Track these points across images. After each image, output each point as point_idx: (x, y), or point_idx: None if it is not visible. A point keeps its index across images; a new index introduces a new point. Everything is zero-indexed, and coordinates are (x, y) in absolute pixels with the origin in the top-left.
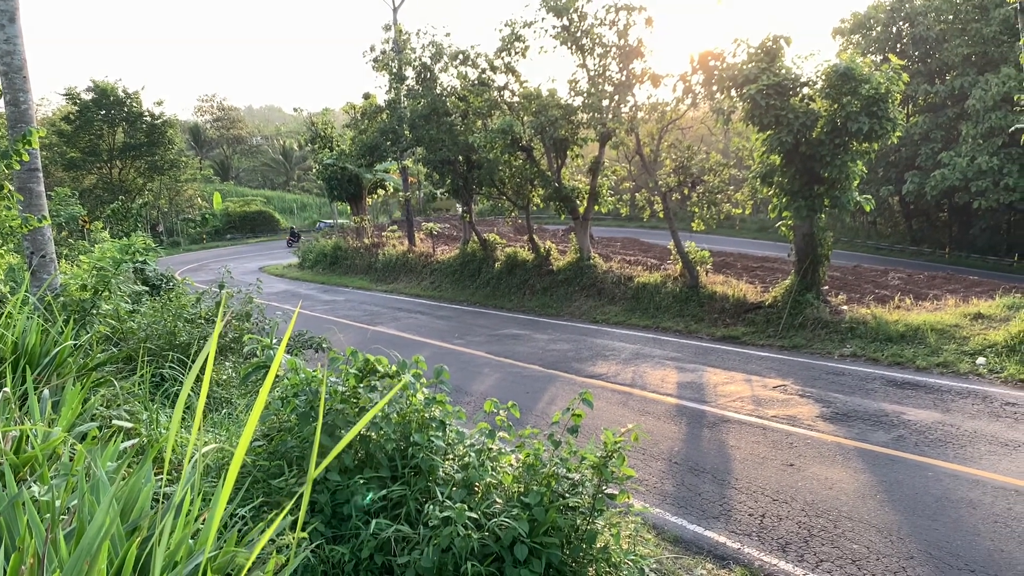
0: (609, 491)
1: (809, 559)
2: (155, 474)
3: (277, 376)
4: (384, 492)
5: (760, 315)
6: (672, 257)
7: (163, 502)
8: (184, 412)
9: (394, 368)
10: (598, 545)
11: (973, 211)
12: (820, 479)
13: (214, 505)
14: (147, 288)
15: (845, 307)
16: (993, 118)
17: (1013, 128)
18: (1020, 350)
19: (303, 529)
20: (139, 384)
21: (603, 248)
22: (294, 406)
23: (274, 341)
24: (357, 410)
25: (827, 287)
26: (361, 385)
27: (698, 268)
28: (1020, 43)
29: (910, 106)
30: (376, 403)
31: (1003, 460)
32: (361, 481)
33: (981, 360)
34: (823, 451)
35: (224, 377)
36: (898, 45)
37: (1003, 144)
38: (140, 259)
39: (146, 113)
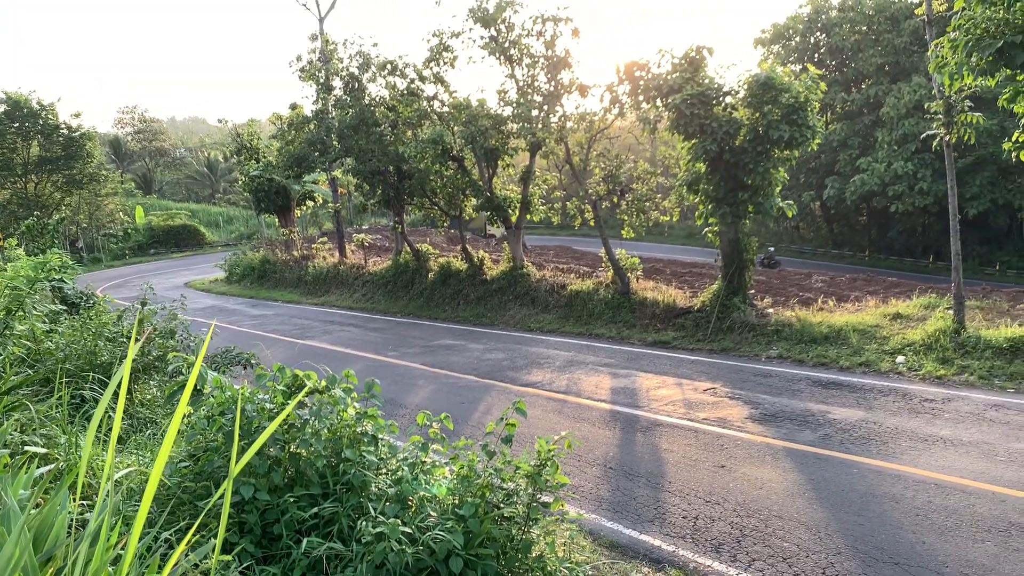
0: (544, 499)
1: (742, 559)
2: (75, 501)
3: (203, 393)
4: (315, 510)
5: (689, 320)
6: (604, 264)
7: (80, 530)
8: (106, 435)
9: (323, 383)
10: (534, 554)
11: (890, 215)
12: (751, 479)
13: (132, 531)
14: (65, 307)
15: (771, 310)
16: (906, 125)
17: (924, 135)
18: (937, 348)
19: (230, 551)
20: (57, 407)
21: (536, 256)
22: (220, 424)
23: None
24: (286, 427)
25: (753, 291)
26: (290, 401)
27: (629, 275)
28: (929, 53)
29: (828, 114)
30: (306, 420)
31: (923, 455)
32: (291, 499)
33: (901, 359)
34: (753, 452)
35: (148, 397)
36: (816, 55)
37: (916, 150)
38: (56, 277)
39: (63, 126)
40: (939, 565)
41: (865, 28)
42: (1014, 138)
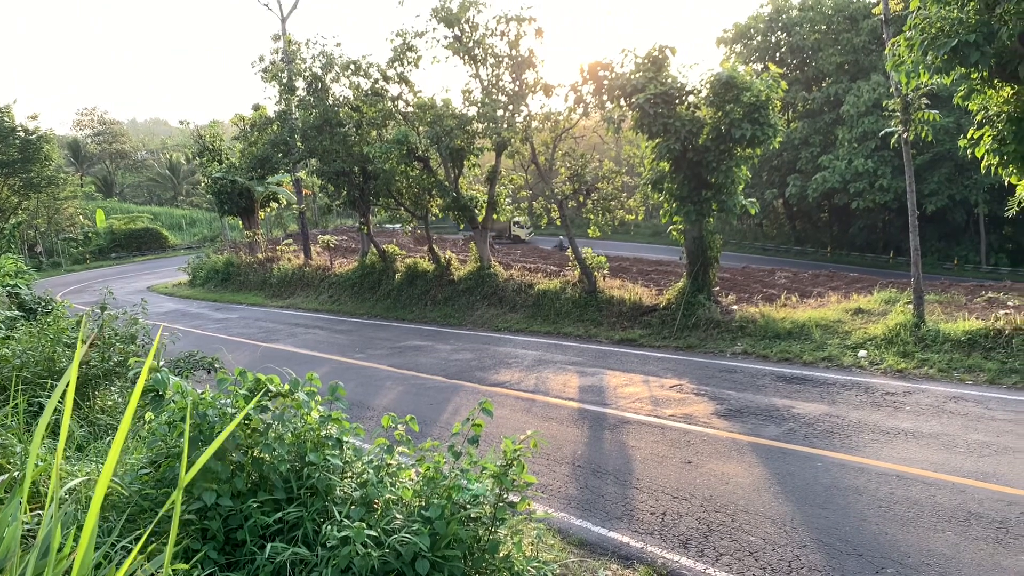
0: (511, 499)
1: (709, 554)
2: (28, 511)
3: (164, 399)
4: (280, 515)
5: (656, 317)
6: (570, 263)
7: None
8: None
9: (287, 387)
10: (501, 554)
11: (852, 211)
12: (717, 475)
13: (80, 540)
14: (22, 313)
15: (735, 307)
16: (866, 123)
17: (883, 132)
18: (897, 342)
19: (189, 559)
20: (12, 415)
21: (503, 256)
22: (181, 430)
23: (162, 363)
24: (249, 432)
25: (718, 288)
26: (251, 406)
27: (595, 273)
28: (886, 52)
29: (790, 112)
30: (269, 424)
31: (885, 447)
32: (255, 505)
33: (862, 353)
34: (719, 447)
35: (111, 403)
36: (777, 54)
37: (876, 147)
38: (11, 282)
39: (19, 128)
40: (901, 556)
41: (825, 27)
42: (969, 135)
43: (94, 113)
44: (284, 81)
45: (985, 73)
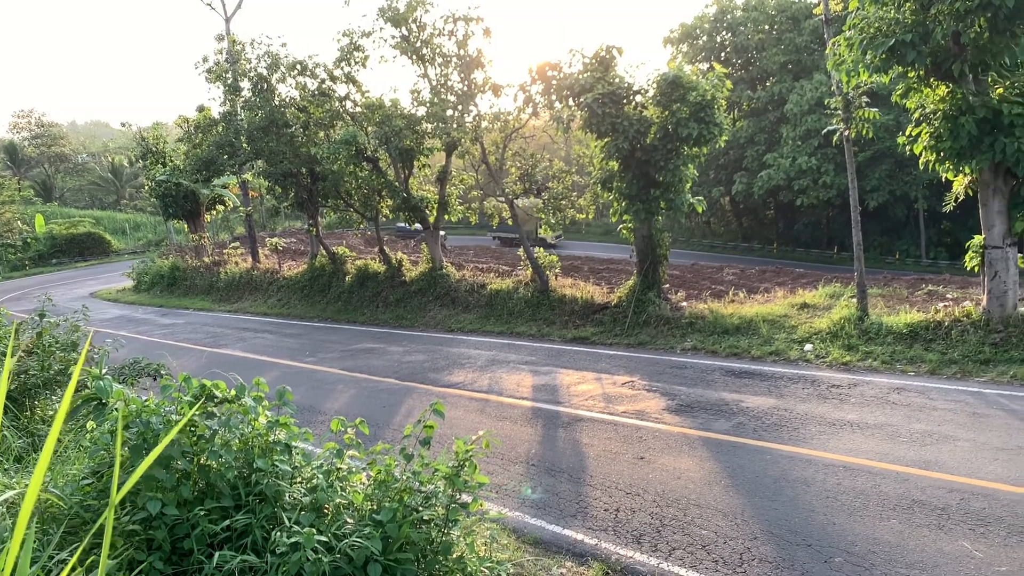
0: (463, 500)
1: (662, 548)
2: None
3: (104, 405)
4: (228, 522)
5: (607, 315)
6: (523, 263)
7: None
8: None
9: (233, 392)
10: (454, 556)
11: (796, 208)
12: (669, 470)
13: (7, 554)
14: None
15: (685, 303)
16: (809, 121)
17: (826, 130)
18: (842, 335)
19: (133, 570)
20: None
21: (456, 257)
22: (124, 439)
23: (105, 371)
24: (195, 439)
25: (668, 285)
26: (197, 413)
27: (547, 272)
28: (827, 51)
29: (735, 111)
30: (215, 431)
31: (831, 439)
32: (202, 513)
33: (808, 347)
34: (670, 442)
35: (51, 413)
36: (722, 53)
37: (819, 145)
38: None
39: None
40: (848, 544)
41: (768, 27)
42: (907, 132)
43: (31, 115)
44: (229, 82)
45: (921, 72)
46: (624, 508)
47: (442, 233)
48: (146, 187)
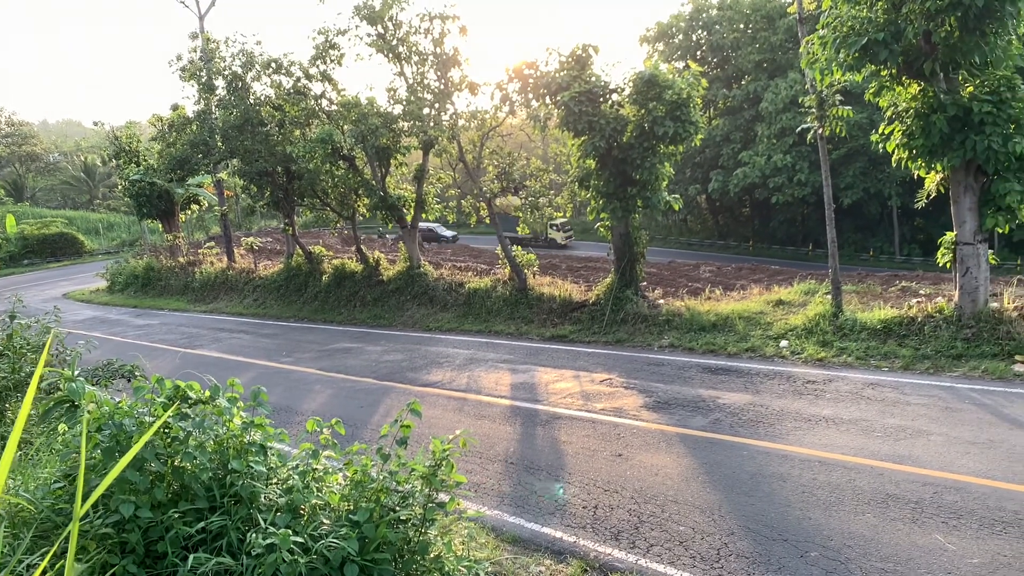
0: (441, 499)
1: (640, 545)
2: None
3: (76, 407)
4: (202, 524)
5: (585, 313)
6: (500, 262)
7: None
8: None
9: (207, 393)
10: (431, 555)
11: (772, 206)
12: (647, 466)
13: None
14: None
15: (662, 301)
16: (784, 119)
17: (800, 128)
18: (817, 332)
19: (106, 572)
20: None
21: (434, 255)
22: (96, 441)
23: (78, 372)
24: (169, 441)
25: (645, 283)
26: (171, 414)
27: (526, 271)
28: (801, 50)
29: (711, 110)
30: (189, 432)
31: (807, 434)
32: (176, 515)
33: (784, 343)
34: (648, 439)
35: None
36: (698, 52)
37: (794, 143)
38: None
39: None
40: (824, 539)
41: (743, 26)
42: (880, 130)
43: (1, 114)
44: (203, 80)
45: (894, 70)
46: (602, 505)
47: (452, 234)
48: (119, 186)
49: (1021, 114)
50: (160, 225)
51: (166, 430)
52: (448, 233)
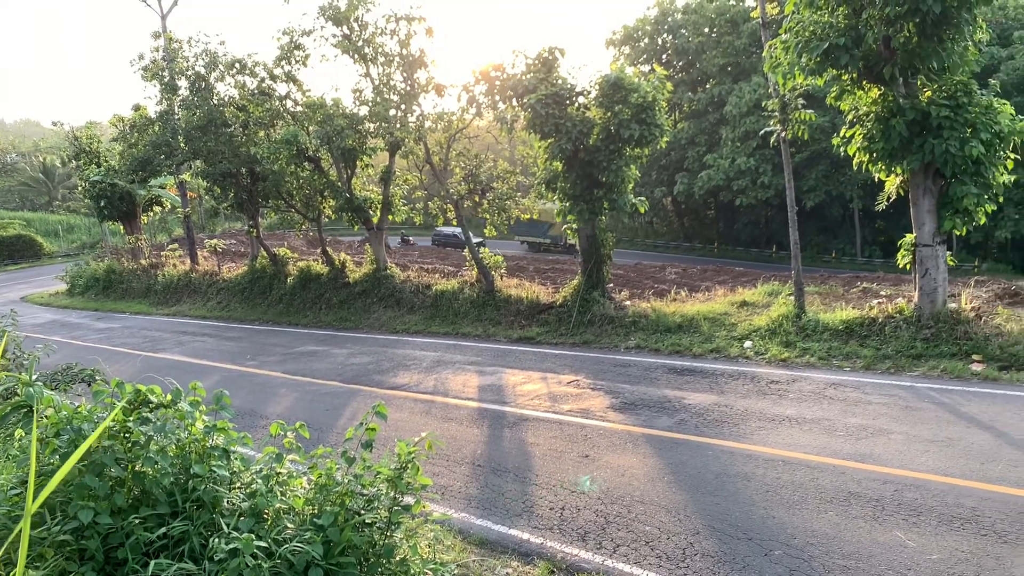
0: (406, 502)
1: (607, 545)
2: None
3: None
4: (164, 530)
5: (553, 315)
6: (468, 263)
7: None
8: None
9: (169, 397)
10: (397, 558)
11: (736, 208)
12: (613, 467)
13: None
14: None
15: (628, 302)
16: (747, 122)
17: (763, 131)
18: (780, 332)
19: None
20: None
21: (401, 257)
22: (54, 447)
23: (36, 376)
24: (129, 445)
25: (612, 285)
26: (131, 419)
27: (493, 273)
28: (764, 54)
29: (677, 113)
30: (150, 436)
31: (771, 434)
32: (137, 521)
33: (748, 344)
34: (615, 440)
35: None
36: (664, 56)
37: (758, 146)
38: None
39: None
40: (788, 537)
41: (708, 30)
42: (842, 133)
43: None
44: (165, 80)
45: (854, 75)
46: (569, 506)
47: (479, 240)
48: (80, 188)
49: (977, 118)
50: (122, 227)
51: (127, 435)
52: (476, 240)
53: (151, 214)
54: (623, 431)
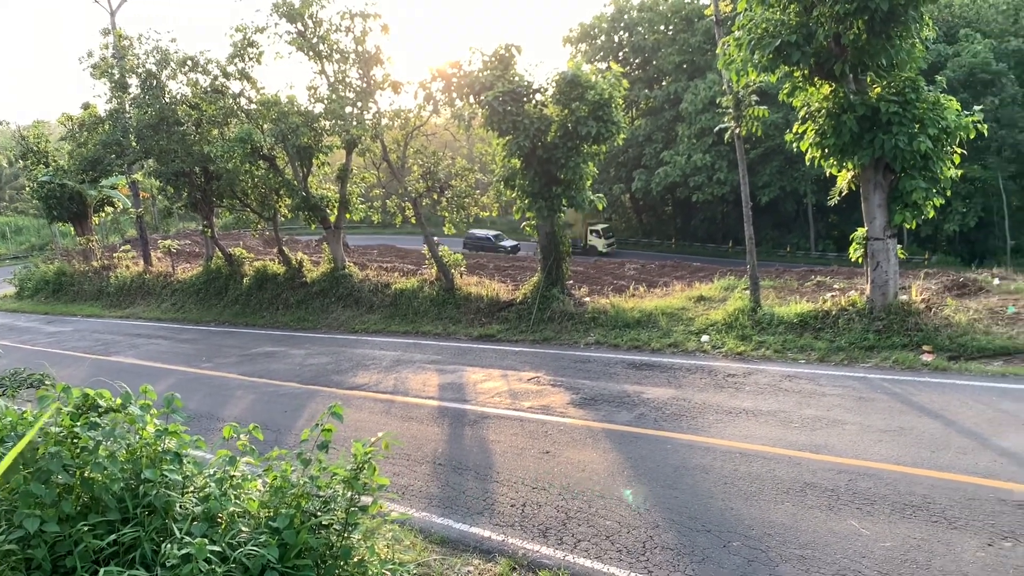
0: (364, 502)
1: (568, 541)
2: None
3: None
4: (114, 536)
5: (513, 312)
6: (427, 262)
7: None
8: None
9: (118, 401)
10: (355, 559)
11: (693, 204)
12: (574, 463)
13: None
14: None
15: (588, 299)
16: (703, 119)
17: (718, 128)
18: (737, 326)
19: None
20: None
21: (359, 256)
22: None
23: None
24: (77, 451)
25: (571, 281)
26: (78, 424)
27: (453, 271)
28: (718, 51)
29: (633, 110)
30: (99, 441)
31: (728, 427)
32: (86, 528)
33: (705, 338)
34: (575, 436)
35: None
36: (620, 53)
37: (713, 143)
38: None
39: None
40: (746, 528)
41: (663, 28)
42: (794, 130)
43: None
44: (116, 78)
45: (806, 71)
46: (530, 503)
47: (512, 243)
48: (27, 188)
49: (925, 114)
50: (72, 228)
51: (75, 440)
52: (508, 243)
53: (102, 215)
54: (583, 427)
